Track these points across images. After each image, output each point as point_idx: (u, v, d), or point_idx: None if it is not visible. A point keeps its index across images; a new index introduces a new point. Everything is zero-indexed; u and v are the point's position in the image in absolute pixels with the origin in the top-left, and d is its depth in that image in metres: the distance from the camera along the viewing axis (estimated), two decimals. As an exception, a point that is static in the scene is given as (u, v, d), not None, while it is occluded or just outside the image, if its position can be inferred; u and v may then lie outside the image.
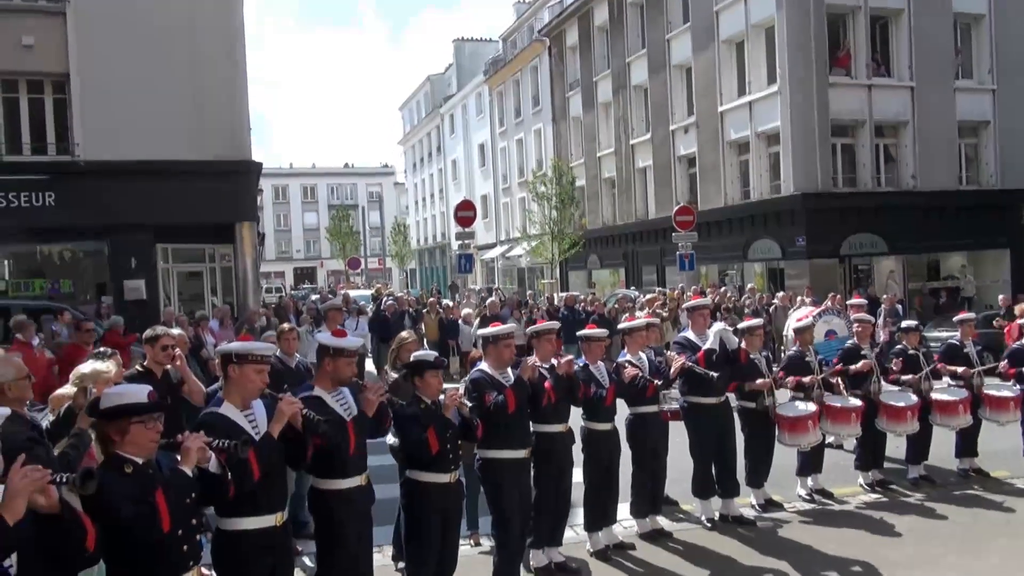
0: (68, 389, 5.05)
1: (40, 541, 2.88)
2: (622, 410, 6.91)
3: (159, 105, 16.84)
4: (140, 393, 3.46)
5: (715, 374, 6.98)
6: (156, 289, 17.54)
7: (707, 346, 7.19)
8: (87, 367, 5.07)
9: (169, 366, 6.34)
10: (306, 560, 6.43)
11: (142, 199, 16.57)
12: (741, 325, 8.24)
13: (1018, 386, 8.51)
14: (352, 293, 25.33)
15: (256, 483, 3.82)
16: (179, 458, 3.51)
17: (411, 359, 5.29)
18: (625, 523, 7.12)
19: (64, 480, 2.95)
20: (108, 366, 5.16)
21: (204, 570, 3.71)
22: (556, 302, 18.93)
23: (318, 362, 4.83)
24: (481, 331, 6.07)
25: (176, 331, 7.20)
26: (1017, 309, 14.03)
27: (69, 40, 16.89)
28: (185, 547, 3.41)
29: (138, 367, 6.38)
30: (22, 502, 2.75)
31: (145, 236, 17.31)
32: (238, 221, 18.07)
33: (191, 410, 5.96)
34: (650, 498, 7.09)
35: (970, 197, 23.20)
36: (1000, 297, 17.99)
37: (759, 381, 7.52)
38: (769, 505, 7.67)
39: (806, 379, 7.83)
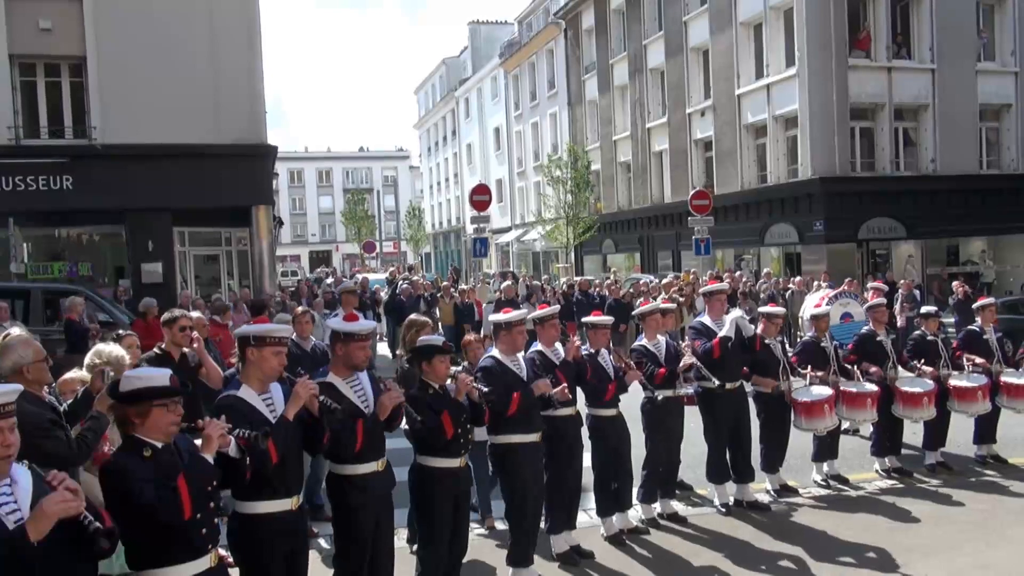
0: (76, 373, 5.09)
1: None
2: (638, 393, 6.90)
3: (175, 88, 16.89)
4: (162, 376, 3.46)
5: (717, 382, 6.95)
6: (173, 272, 17.67)
7: (722, 333, 7.15)
8: (105, 349, 5.10)
9: (187, 349, 6.39)
10: (322, 542, 6.49)
11: (159, 182, 16.68)
12: (762, 309, 8.21)
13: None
14: (371, 277, 25.38)
15: (274, 467, 3.84)
16: (199, 444, 3.52)
17: (418, 343, 5.23)
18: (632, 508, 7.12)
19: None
20: (120, 351, 5.17)
21: (222, 551, 3.74)
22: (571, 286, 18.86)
23: (331, 348, 4.82)
24: (493, 317, 6.03)
25: (195, 314, 7.25)
26: None
27: (86, 23, 16.94)
28: (204, 530, 3.42)
29: (156, 350, 6.43)
30: (48, 524, 2.74)
31: (162, 219, 17.42)
32: (254, 205, 18.15)
33: (208, 393, 5.99)
34: (660, 484, 7.07)
35: (991, 181, 22.91)
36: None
37: (769, 381, 7.52)
38: (784, 491, 7.66)
39: (819, 373, 7.80)
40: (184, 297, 14.57)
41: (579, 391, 6.41)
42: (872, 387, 7.89)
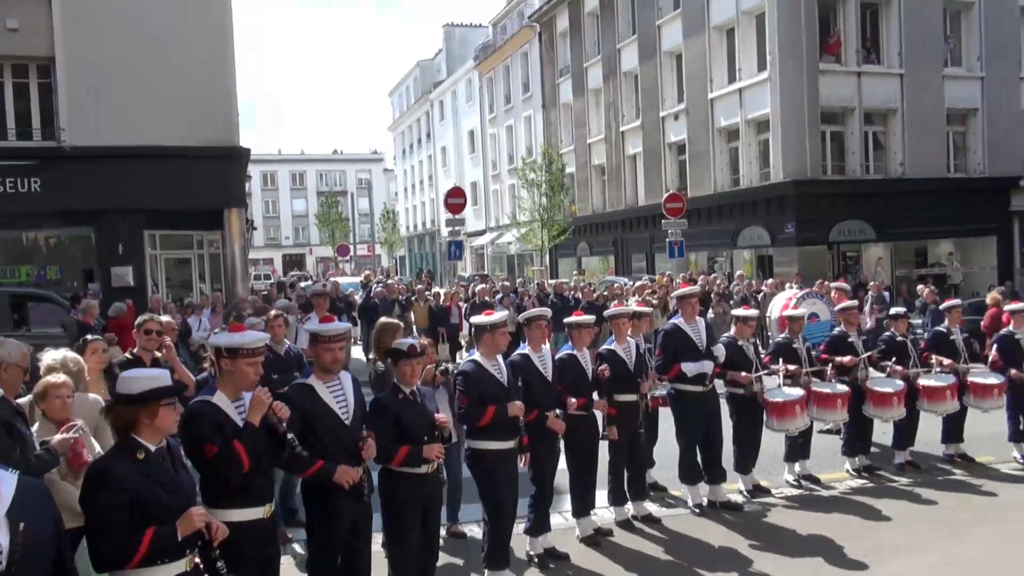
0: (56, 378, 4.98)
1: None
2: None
3: (146, 90, 16.69)
4: (164, 375, 3.58)
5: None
6: (144, 276, 17.44)
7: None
8: (58, 357, 4.93)
9: (158, 353, 6.32)
10: (296, 547, 6.44)
11: (129, 185, 16.45)
12: (736, 312, 8.27)
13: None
14: (341, 280, 25.24)
15: (246, 474, 3.82)
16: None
17: (391, 347, 5.18)
18: (608, 509, 7.16)
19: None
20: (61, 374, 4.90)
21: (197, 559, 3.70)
22: (547, 288, 18.90)
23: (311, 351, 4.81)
24: (475, 319, 6.03)
25: (164, 318, 7.15)
26: (989, 298, 14.14)
27: (54, 23, 16.67)
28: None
29: (127, 355, 6.35)
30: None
31: (132, 222, 17.19)
32: (226, 207, 17.96)
33: (180, 398, 5.92)
34: (630, 485, 7.10)
35: (958, 184, 23.29)
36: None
37: (743, 374, 7.57)
38: (757, 491, 7.72)
39: (792, 367, 7.86)
40: (155, 301, 14.40)
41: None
42: (843, 388, 7.99)
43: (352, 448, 4.56)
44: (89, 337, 5.82)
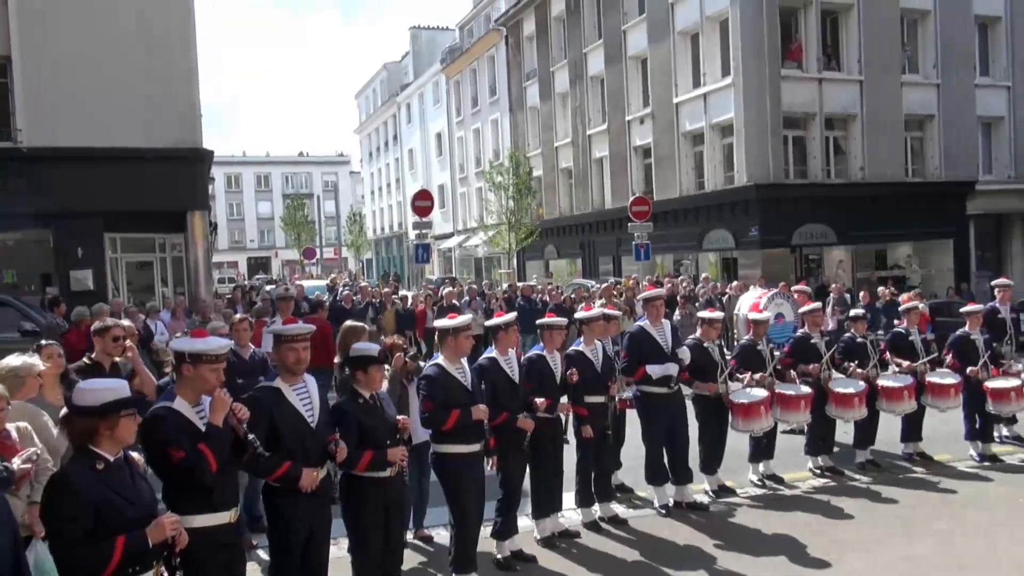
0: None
1: None
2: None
3: (107, 90, 16.39)
4: (123, 386, 3.54)
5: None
6: (104, 279, 17.12)
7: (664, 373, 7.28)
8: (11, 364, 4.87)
9: (119, 358, 6.22)
10: (260, 553, 6.38)
11: (89, 187, 16.13)
12: (701, 314, 8.36)
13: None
14: (307, 283, 25.01)
15: (214, 476, 3.80)
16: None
17: (353, 352, 5.13)
18: (575, 511, 7.19)
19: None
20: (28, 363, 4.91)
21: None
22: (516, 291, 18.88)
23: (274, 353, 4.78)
24: (439, 322, 6.02)
25: (126, 322, 7.06)
26: (903, 298, 14.49)
27: (11, 22, 16.32)
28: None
29: (86, 359, 6.25)
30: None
31: (92, 225, 16.86)
32: (189, 210, 17.71)
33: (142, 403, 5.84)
34: (596, 486, 7.14)
35: (916, 189, 23.76)
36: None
37: (709, 385, 7.67)
38: (722, 491, 7.81)
39: (757, 376, 7.97)
40: (116, 305, 14.14)
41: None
42: (806, 389, 8.12)
43: (317, 451, 4.56)
44: (44, 342, 5.70)
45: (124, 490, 3.37)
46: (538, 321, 7.00)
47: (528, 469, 6.59)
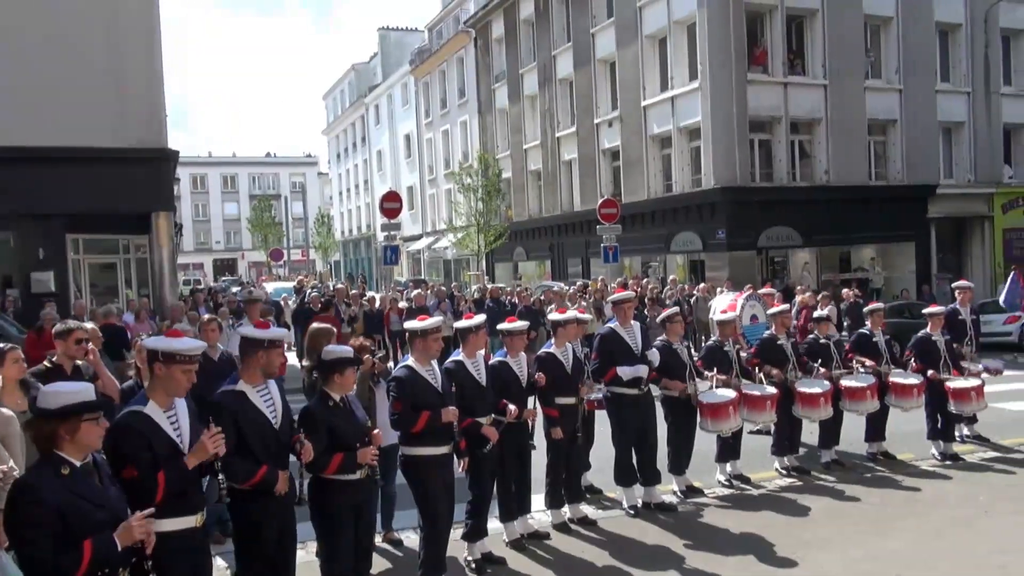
0: None
1: None
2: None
3: (69, 88, 16.02)
4: (87, 390, 3.44)
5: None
6: (67, 281, 16.78)
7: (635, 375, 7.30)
8: None
9: (81, 361, 6.11)
10: (219, 559, 6.29)
11: (50, 187, 15.78)
12: (660, 317, 8.42)
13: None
14: (271, 286, 24.75)
15: (156, 504, 3.70)
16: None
17: (327, 355, 5.09)
18: (544, 512, 7.20)
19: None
20: None
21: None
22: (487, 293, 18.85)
23: (243, 355, 4.73)
24: (408, 324, 5.99)
25: (89, 325, 6.93)
26: (799, 300, 14.80)
27: (-34, 17, 15.94)
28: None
29: (47, 363, 6.12)
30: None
31: (54, 226, 16.50)
32: (154, 211, 17.41)
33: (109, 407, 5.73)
34: (566, 488, 7.15)
35: (879, 192, 24.17)
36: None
37: (677, 384, 7.72)
38: (690, 491, 7.88)
39: (723, 376, 8.05)
40: (79, 307, 13.88)
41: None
42: (772, 390, 8.21)
43: (280, 452, 4.55)
44: (6, 346, 5.57)
45: (92, 494, 3.30)
46: (499, 327, 6.97)
47: (496, 473, 6.57)
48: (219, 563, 6.02)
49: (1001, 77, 25.92)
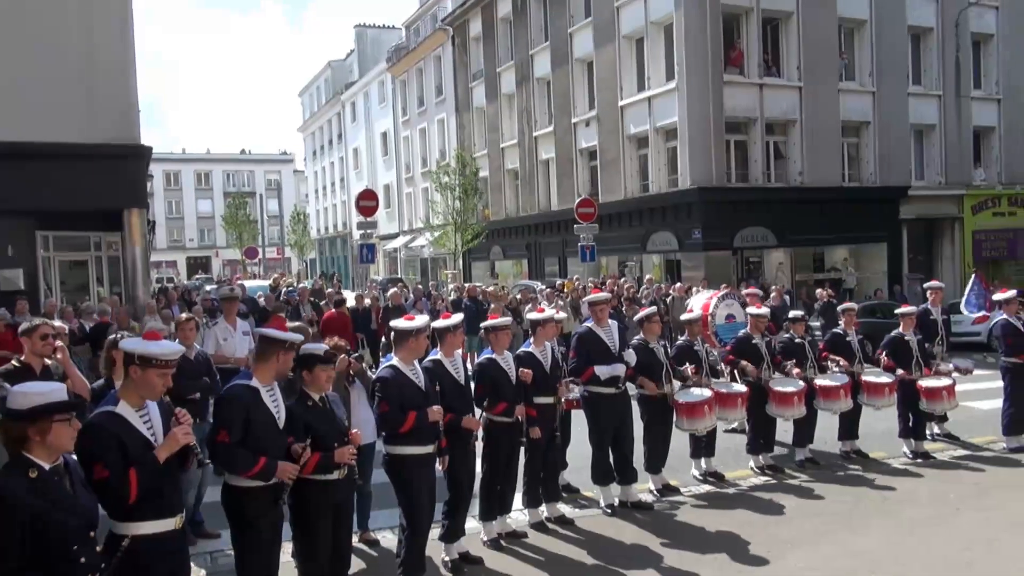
0: None
1: None
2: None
3: (39, 82, 15.73)
4: (60, 390, 3.37)
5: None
6: (36, 279, 16.52)
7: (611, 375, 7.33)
8: None
9: (49, 360, 6.01)
10: (192, 564, 6.22)
11: (19, 183, 15.47)
12: (637, 316, 8.44)
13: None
14: (248, 284, 24.55)
15: (133, 504, 3.66)
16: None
17: (300, 352, 5.00)
18: (522, 512, 7.20)
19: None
20: None
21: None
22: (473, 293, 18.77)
23: (257, 354, 4.77)
24: (397, 323, 5.94)
25: (57, 322, 6.82)
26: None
27: (-69, 8, 15.62)
28: (83, 559, 3.30)
29: (14, 362, 6.01)
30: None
31: (23, 222, 16.24)
32: (126, 208, 17.16)
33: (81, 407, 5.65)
34: (544, 487, 7.15)
35: (852, 193, 24.47)
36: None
37: (652, 384, 7.74)
38: (666, 490, 7.91)
39: (692, 375, 8.08)
40: (49, 305, 13.67)
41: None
42: (741, 388, 8.29)
43: (281, 452, 4.57)
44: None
45: (62, 499, 3.22)
46: (483, 324, 6.96)
47: (482, 471, 6.57)
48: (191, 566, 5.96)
49: (971, 81, 26.34)
